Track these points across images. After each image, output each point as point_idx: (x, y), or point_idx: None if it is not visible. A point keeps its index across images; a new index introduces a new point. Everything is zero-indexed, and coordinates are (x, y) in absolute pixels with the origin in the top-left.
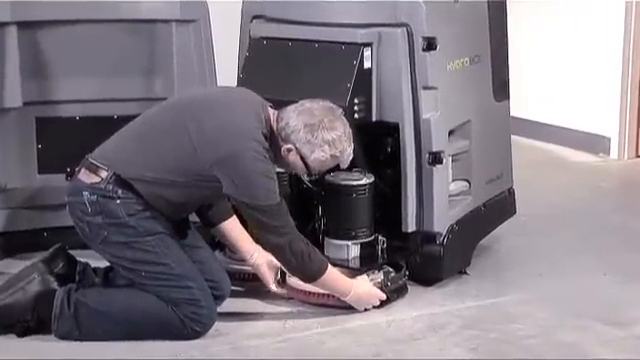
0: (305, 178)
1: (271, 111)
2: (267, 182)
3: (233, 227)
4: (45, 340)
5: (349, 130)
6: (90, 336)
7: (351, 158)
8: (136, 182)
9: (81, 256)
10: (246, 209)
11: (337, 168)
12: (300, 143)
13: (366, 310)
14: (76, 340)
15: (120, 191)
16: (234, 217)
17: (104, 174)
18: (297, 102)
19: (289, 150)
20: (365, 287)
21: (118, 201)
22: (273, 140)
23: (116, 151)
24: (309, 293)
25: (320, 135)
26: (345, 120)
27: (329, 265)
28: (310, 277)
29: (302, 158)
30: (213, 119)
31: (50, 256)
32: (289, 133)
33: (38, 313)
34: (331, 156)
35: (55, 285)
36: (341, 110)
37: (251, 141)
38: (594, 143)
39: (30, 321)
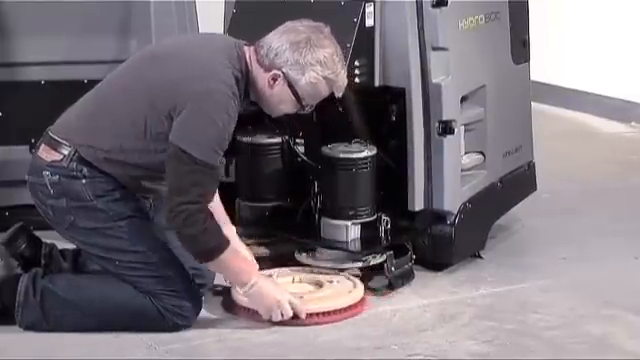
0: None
1: (247, 48)
2: (217, 137)
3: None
4: (8, 332)
5: (340, 51)
6: (59, 327)
7: (345, 85)
8: (96, 159)
9: (48, 237)
10: (174, 156)
11: (331, 100)
12: (287, 66)
13: (274, 323)
14: (44, 331)
15: (86, 169)
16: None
17: (65, 150)
18: None
19: (274, 79)
20: (270, 288)
21: (84, 181)
22: (251, 79)
23: (76, 121)
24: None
25: (309, 53)
26: (334, 40)
27: (230, 247)
28: (202, 255)
29: (290, 85)
30: (175, 64)
31: (10, 237)
32: (273, 57)
33: (2, 301)
34: (324, 78)
35: (19, 270)
36: (328, 28)
37: (219, 83)
38: (625, 111)
39: None
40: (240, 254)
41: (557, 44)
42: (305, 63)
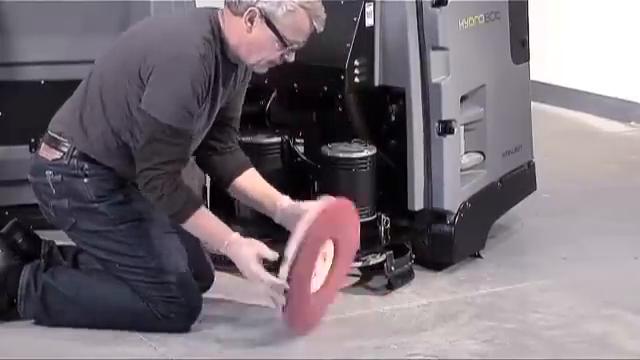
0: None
1: (220, 11)
2: (184, 99)
3: (255, 176)
4: (8, 331)
5: None
6: (61, 322)
7: (324, 18)
8: (93, 151)
9: (47, 237)
10: (145, 123)
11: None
12: (261, 0)
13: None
14: (46, 324)
15: (86, 165)
16: (253, 168)
17: (65, 148)
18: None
19: (251, 19)
20: (241, 258)
21: (86, 180)
22: (225, 39)
23: (69, 116)
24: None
25: None
26: None
27: (197, 213)
28: (171, 217)
29: (269, 22)
30: (144, 35)
31: (6, 234)
32: None
33: (7, 293)
34: (301, 7)
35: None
36: None
37: (186, 46)
38: (625, 110)
39: (0, 302)
40: (211, 220)
41: (557, 44)
42: None
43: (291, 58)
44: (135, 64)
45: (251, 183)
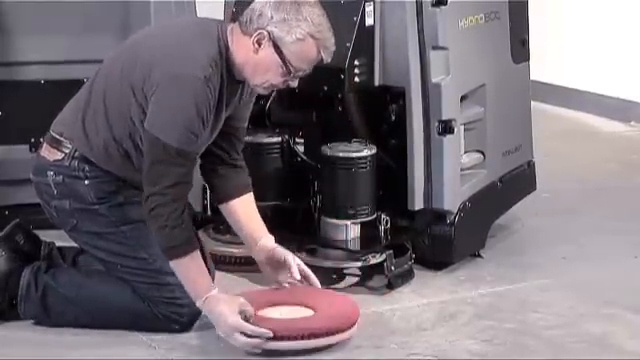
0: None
1: (229, 26)
2: (188, 121)
3: (249, 204)
4: (8, 331)
5: (326, 16)
6: (60, 322)
7: (333, 50)
8: (93, 155)
9: (48, 237)
10: (148, 143)
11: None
12: (272, 24)
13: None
14: (46, 325)
15: (87, 167)
16: (251, 193)
17: (66, 149)
18: None
19: (259, 42)
20: (216, 314)
21: (86, 182)
22: (232, 57)
23: (71, 118)
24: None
25: (293, 9)
26: (319, 5)
27: (189, 257)
28: (164, 251)
29: (276, 45)
30: (149, 46)
31: (8, 234)
32: (257, 18)
33: (9, 295)
34: (311, 37)
35: (21, 263)
36: None
37: (191, 66)
38: (625, 110)
39: (1, 303)
40: (199, 268)
41: (557, 44)
42: (290, 19)
43: (294, 84)
44: (139, 78)
45: (244, 211)
